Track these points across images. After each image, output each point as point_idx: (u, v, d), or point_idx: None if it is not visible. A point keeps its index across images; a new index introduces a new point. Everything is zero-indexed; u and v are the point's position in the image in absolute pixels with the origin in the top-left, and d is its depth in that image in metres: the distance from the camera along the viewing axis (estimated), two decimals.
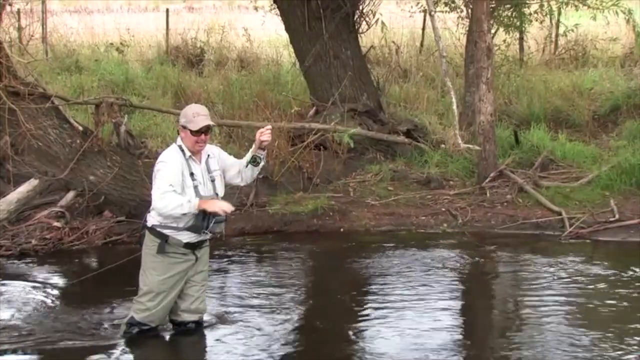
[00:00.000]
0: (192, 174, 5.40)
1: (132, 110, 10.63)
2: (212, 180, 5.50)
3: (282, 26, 12.14)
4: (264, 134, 5.42)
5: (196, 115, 5.39)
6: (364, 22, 12.23)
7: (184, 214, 5.26)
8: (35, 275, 7.37)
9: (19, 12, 14.01)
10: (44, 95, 8.33)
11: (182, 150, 5.42)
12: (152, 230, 5.48)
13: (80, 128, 8.54)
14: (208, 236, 5.52)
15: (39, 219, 8.23)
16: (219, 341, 5.75)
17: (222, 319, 6.12)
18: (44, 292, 6.92)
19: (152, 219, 5.49)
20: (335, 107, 10.88)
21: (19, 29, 12.47)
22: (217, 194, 5.49)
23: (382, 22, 12.91)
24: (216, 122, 10.22)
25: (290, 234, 8.73)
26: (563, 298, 6.66)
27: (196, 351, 5.68)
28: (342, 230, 8.87)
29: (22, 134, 7.95)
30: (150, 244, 5.51)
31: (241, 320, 6.13)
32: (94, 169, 8.36)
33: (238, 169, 5.60)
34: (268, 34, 16.84)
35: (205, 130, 5.40)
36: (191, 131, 5.35)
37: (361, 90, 11.44)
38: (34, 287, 7.00)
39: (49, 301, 6.65)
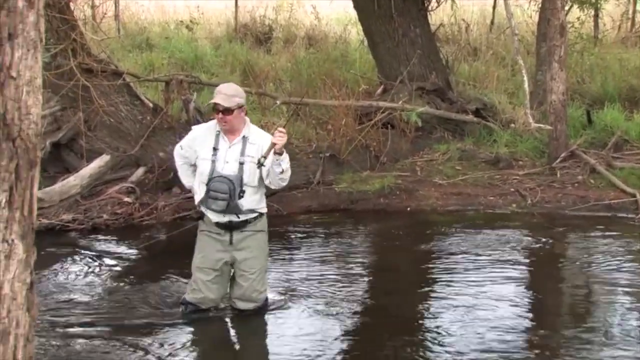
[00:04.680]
0: (214, 148, 5.35)
1: (201, 88, 10.72)
2: (241, 163, 5.32)
3: (351, 4, 12.07)
4: (276, 137, 5.15)
5: (217, 93, 5.33)
6: (433, 0, 12.10)
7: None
8: (107, 249, 7.52)
9: None
10: (116, 72, 8.47)
11: (217, 125, 5.42)
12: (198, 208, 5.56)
13: (151, 105, 8.66)
14: (237, 217, 5.38)
15: (110, 194, 8.37)
16: (283, 320, 5.75)
17: (287, 296, 6.14)
18: (114, 266, 7.07)
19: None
20: (404, 85, 10.80)
21: (93, 7, 12.72)
22: (241, 177, 5.30)
23: (452, 0, 12.74)
24: (283, 100, 10.31)
25: (356, 213, 8.73)
26: (636, 281, 6.51)
27: (260, 328, 5.68)
28: (408, 209, 8.82)
29: (94, 110, 8.10)
30: (199, 222, 5.61)
31: (306, 298, 6.14)
32: (163, 146, 8.47)
33: (267, 169, 5.37)
34: (336, 12, 16.78)
35: (223, 110, 5.24)
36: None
37: (430, 69, 11.33)
38: (105, 261, 7.15)
39: (117, 276, 6.78)
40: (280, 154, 5.18)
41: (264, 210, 5.58)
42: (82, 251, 7.39)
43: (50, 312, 5.78)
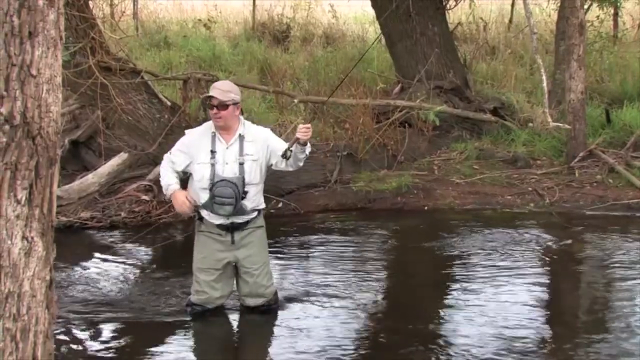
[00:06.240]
0: (212, 151, 5.29)
1: None
2: (241, 164, 5.28)
3: (369, 2, 12.06)
4: (301, 131, 5.10)
5: (212, 88, 5.30)
6: None
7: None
8: (125, 247, 7.55)
9: None
10: (134, 70, 8.48)
11: (213, 126, 5.35)
12: (197, 208, 5.46)
13: (169, 103, 8.68)
14: (242, 219, 5.38)
15: (128, 192, 8.41)
16: (298, 318, 5.74)
17: (303, 294, 6.14)
18: (132, 264, 7.09)
19: None
20: (421, 84, 10.78)
21: (112, 5, 12.76)
22: (243, 177, 5.27)
23: None
24: (301, 98, 10.31)
25: (373, 211, 8.72)
26: None
27: (274, 326, 5.67)
28: (426, 208, 8.80)
29: (113, 108, 8.12)
30: (196, 222, 5.56)
31: (322, 296, 6.13)
32: None
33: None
34: (354, 10, 16.76)
35: (218, 105, 5.20)
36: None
37: (447, 68, 11.30)
38: (122, 259, 7.19)
39: (135, 273, 6.81)
40: (305, 144, 5.21)
41: (263, 206, 5.57)
42: (100, 249, 7.42)
43: (68, 310, 5.81)
